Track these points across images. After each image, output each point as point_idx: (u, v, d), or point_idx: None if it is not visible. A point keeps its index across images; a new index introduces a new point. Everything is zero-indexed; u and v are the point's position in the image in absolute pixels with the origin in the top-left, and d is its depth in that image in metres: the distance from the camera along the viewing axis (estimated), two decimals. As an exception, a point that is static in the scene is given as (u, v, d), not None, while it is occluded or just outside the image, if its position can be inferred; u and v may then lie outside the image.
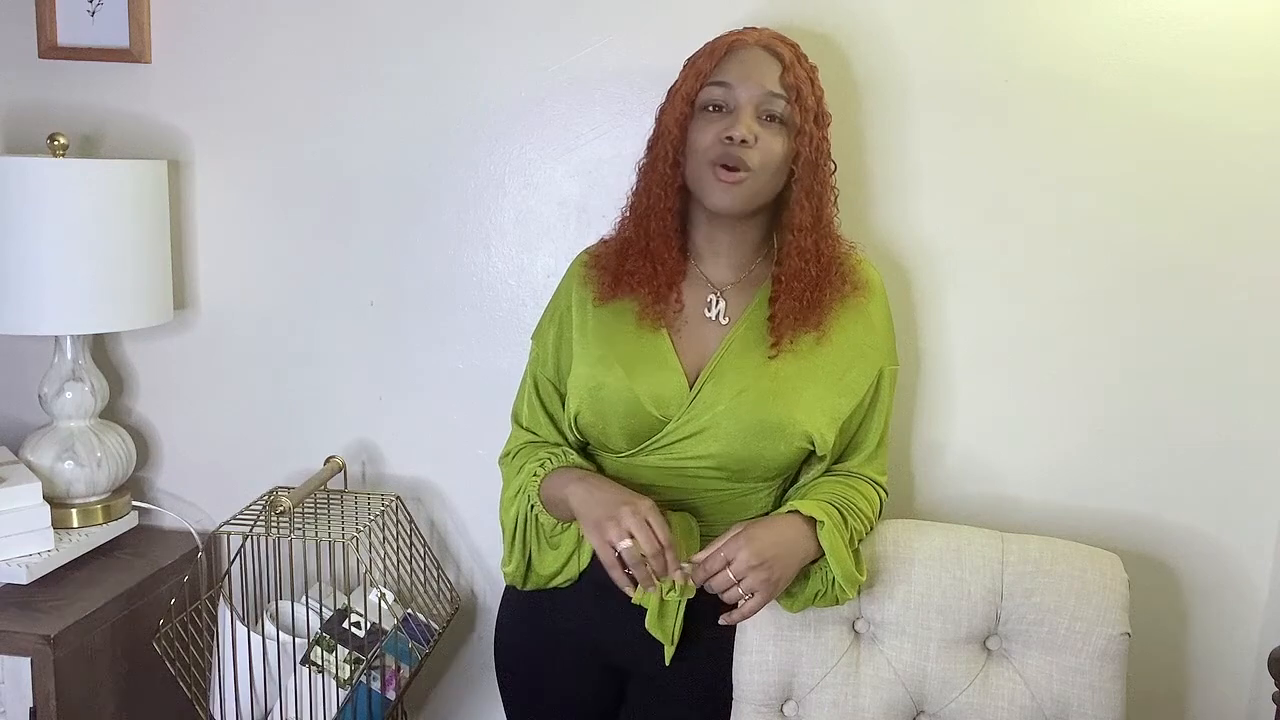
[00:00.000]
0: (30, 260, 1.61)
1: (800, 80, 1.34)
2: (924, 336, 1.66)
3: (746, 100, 1.33)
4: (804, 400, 1.37)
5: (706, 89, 1.34)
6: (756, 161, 1.32)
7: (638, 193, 1.42)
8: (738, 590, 1.27)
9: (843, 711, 1.44)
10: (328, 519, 1.69)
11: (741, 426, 1.36)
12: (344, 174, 1.77)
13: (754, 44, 1.35)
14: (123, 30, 1.76)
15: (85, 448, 1.74)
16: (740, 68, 1.34)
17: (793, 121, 1.34)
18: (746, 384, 1.37)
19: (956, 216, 1.62)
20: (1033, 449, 1.67)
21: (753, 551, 1.27)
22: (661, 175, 1.38)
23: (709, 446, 1.37)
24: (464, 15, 1.69)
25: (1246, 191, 1.55)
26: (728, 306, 1.42)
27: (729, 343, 1.39)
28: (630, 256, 1.40)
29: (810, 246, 1.37)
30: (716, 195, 1.34)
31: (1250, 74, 1.52)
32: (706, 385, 1.37)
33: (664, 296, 1.39)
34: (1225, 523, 1.64)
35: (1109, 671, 1.42)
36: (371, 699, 1.62)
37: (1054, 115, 1.57)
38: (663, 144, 1.37)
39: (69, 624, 1.56)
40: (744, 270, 1.43)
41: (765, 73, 1.33)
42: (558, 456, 1.41)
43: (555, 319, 1.48)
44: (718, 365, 1.38)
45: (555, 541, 1.44)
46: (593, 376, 1.40)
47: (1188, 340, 1.60)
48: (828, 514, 1.34)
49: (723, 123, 1.33)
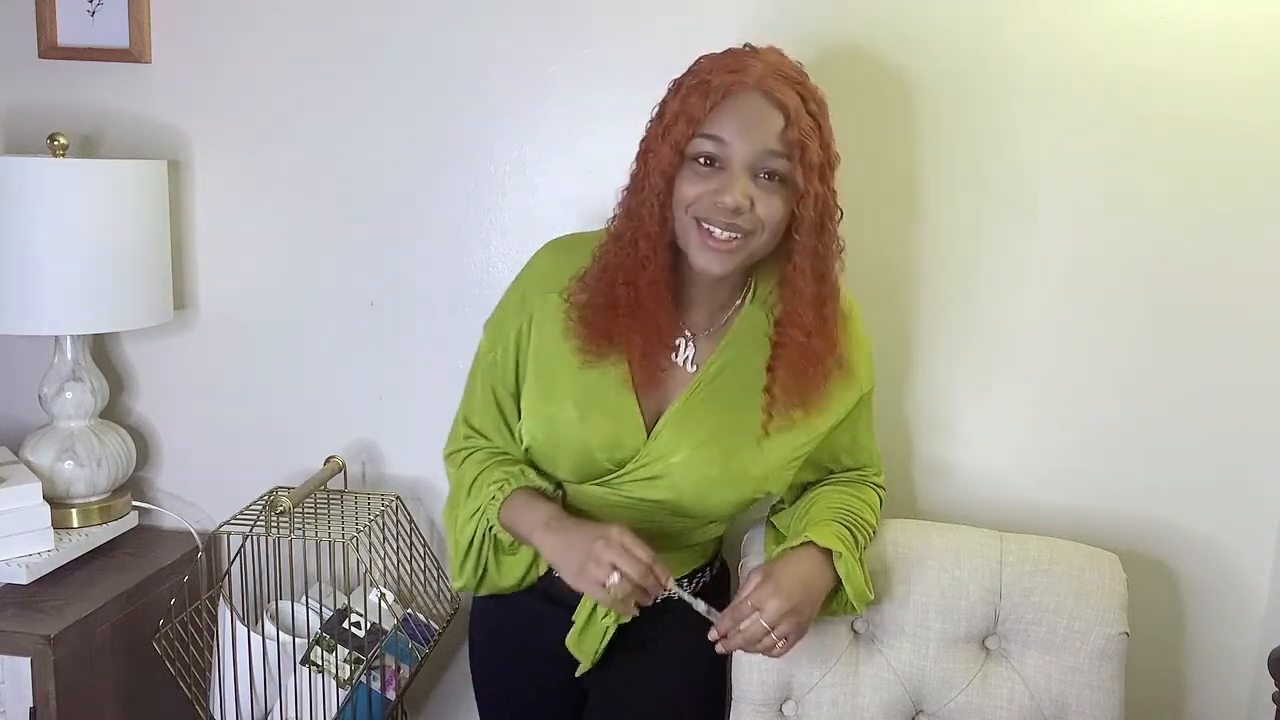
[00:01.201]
0: (30, 260, 1.61)
1: (805, 134, 1.19)
2: (923, 336, 1.66)
3: (742, 161, 1.19)
4: (768, 455, 1.32)
5: (697, 140, 1.20)
6: (752, 225, 1.21)
7: (623, 241, 1.27)
8: (771, 638, 1.25)
9: (842, 711, 1.44)
10: (328, 519, 1.69)
11: (698, 477, 1.31)
12: (344, 174, 1.77)
13: (755, 88, 1.19)
14: (123, 30, 1.76)
15: (85, 448, 1.74)
16: (737, 121, 1.19)
17: (794, 181, 1.20)
18: (707, 436, 1.30)
19: (957, 215, 1.62)
20: (1032, 449, 1.67)
21: (783, 599, 1.24)
22: (648, 231, 1.24)
23: (661, 492, 1.32)
24: (465, 15, 1.69)
25: (1246, 191, 1.55)
26: (695, 354, 1.34)
27: (695, 389, 1.32)
28: (620, 317, 1.27)
29: (814, 319, 1.27)
30: (704, 259, 1.23)
31: (1256, 70, 1.52)
32: (665, 432, 1.31)
33: (654, 354, 1.30)
34: (1225, 523, 1.64)
35: (1108, 671, 1.42)
36: (371, 699, 1.62)
37: (1054, 114, 1.57)
38: (647, 194, 1.23)
39: (69, 624, 1.56)
40: (719, 317, 1.35)
41: (766, 127, 1.19)
42: (515, 477, 1.35)
43: (515, 327, 1.37)
44: (680, 411, 1.32)
45: (514, 549, 1.39)
46: (542, 409, 1.34)
47: (1187, 340, 1.60)
48: (842, 540, 1.32)
49: (714, 182, 1.20)
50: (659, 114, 1.27)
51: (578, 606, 1.37)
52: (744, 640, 1.25)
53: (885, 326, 1.65)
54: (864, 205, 1.63)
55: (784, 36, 1.58)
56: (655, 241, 1.25)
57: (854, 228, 1.63)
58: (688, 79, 1.25)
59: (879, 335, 1.64)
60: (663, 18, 1.63)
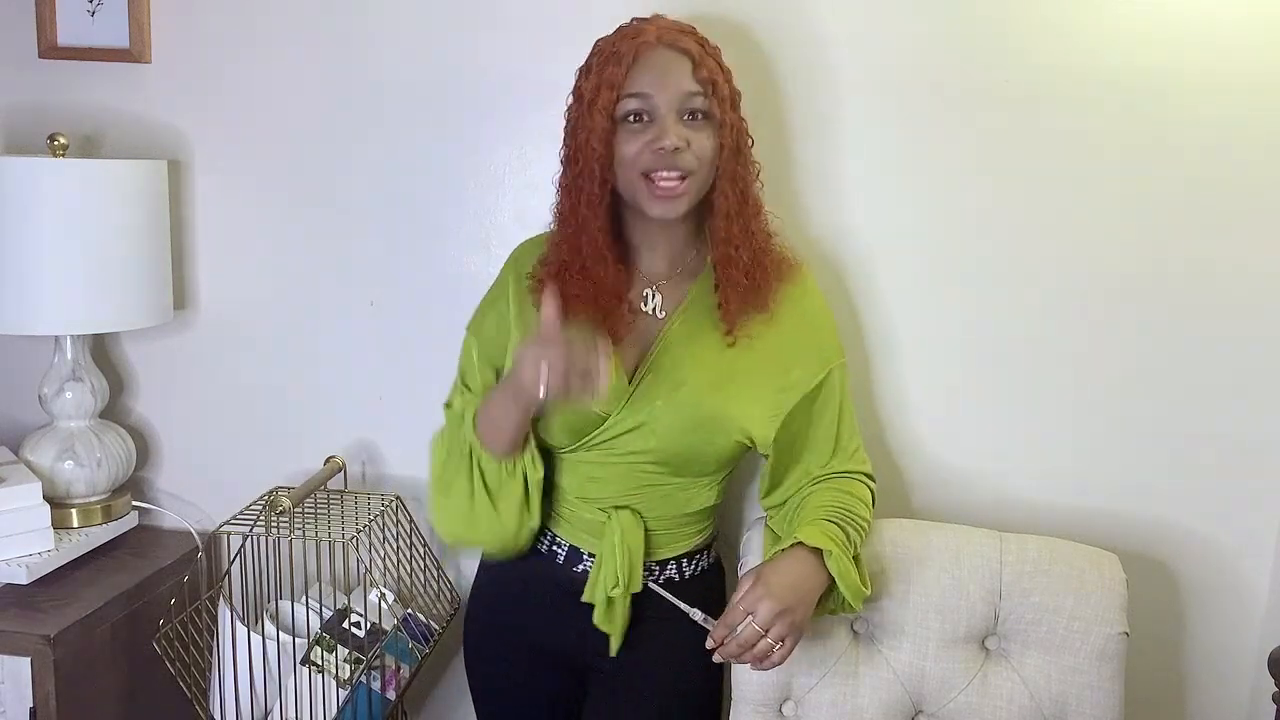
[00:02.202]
0: (30, 260, 1.61)
1: (712, 72, 1.33)
2: (922, 334, 1.65)
3: (667, 107, 1.31)
4: (742, 395, 1.38)
5: (623, 101, 1.31)
6: (692, 163, 1.32)
7: (564, 212, 1.38)
8: (767, 641, 1.26)
9: (841, 711, 1.44)
10: (328, 519, 1.69)
11: (679, 420, 1.37)
12: (344, 174, 1.77)
13: (658, 44, 1.32)
14: (123, 30, 1.76)
15: (85, 448, 1.74)
16: (653, 75, 1.31)
17: (714, 114, 1.33)
18: (684, 378, 1.37)
19: (957, 214, 1.62)
20: (1031, 449, 1.66)
21: (775, 600, 1.26)
22: (589, 195, 1.34)
23: (648, 441, 1.38)
24: (465, 15, 1.69)
25: (1246, 190, 1.55)
26: (663, 300, 1.42)
27: (665, 336, 1.40)
28: (570, 279, 1.36)
29: (739, 231, 1.37)
30: (658, 207, 1.33)
31: (1256, 69, 1.52)
32: (645, 379, 1.38)
33: (611, 310, 1.37)
34: (1225, 522, 1.64)
35: (1107, 671, 1.42)
36: (371, 699, 1.63)
37: (1053, 113, 1.57)
38: (586, 162, 1.33)
39: (69, 624, 1.56)
40: (678, 263, 1.43)
41: (679, 73, 1.31)
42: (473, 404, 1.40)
43: (495, 310, 1.46)
44: (655, 359, 1.38)
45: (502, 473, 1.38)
46: None
47: (1187, 339, 1.60)
48: (833, 538, 1.33)
49: (648, 133, 1.31)
50: (577, 95, 1.37)
51: (584, 589, 1.40)
52: (739, 646, 1.27)
53: (886, 326, 1.65)
54: (859, 200, 1.63)
55: (783, 36, 1.60)
56: (594, 205, 1.35)
57: (854, 226, 1.64)
58: (594, 58, 1.36)
59: (879, 335, 1.65)
60: (663, 18, 1.63)
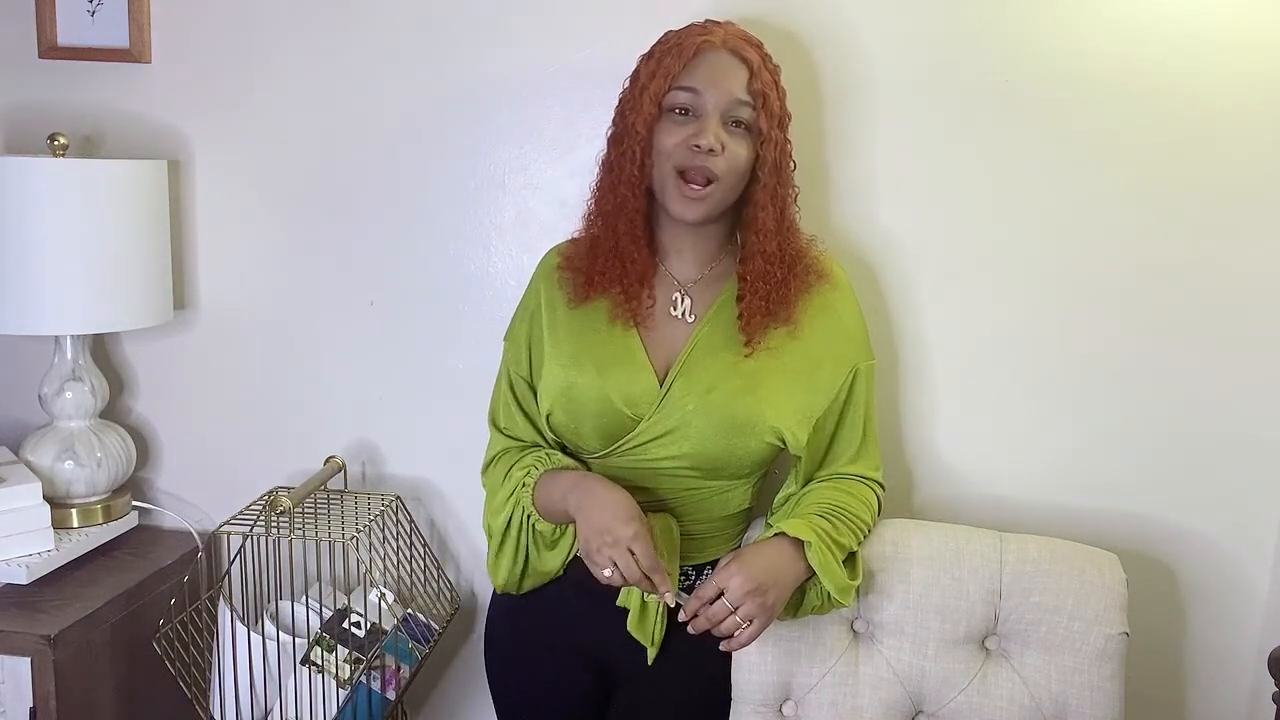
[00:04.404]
0: (30, 260, 1.61)
1: (766, 86, 1.34)
2: (922, 334, 1.66)
3: (714, 107, 1.33)
4: (773, 397, 1.38)
5: (674, 92, 1.34)
6: (723, 169, 1.33)
7: (603, 190, 1.41)
8: (735, 619, 1.28)
9: (841, 711, 1.44)
10: (328, 519, 1.69)
11: (712, 424, 1.37)
12: (344, 173, 1.77)
13: (721, 46, 1.34)
14: (123, 30, 1.76)
15: (85, 448, 1.74)
16: (708, 73, 1.33)
17: (758, 128, 1.35)
18: (715, 381, 1.38)
19: (957, 213, 1.62)
20: (1031, 448, 1.67)
21: (746, 578, 1.28)
22: (629, 176, 1.37)
23: (680, 446, 1.38)
24: (465, 15, 1.69)
25: (1246, 189, 1.55)
26: (693, 304, 1.43)
27: (696, 340, 1.40)
28: (600, 256, 1.40)
29: (774, 249, 1.38)
30: (681, 206, 1.35)
31: (1256, 68, 1.52)
32: (676, 383, 1.38)
33: (635, 294, 1.40)
34: (1225, 523, 1.64)
35: (1107, 671, 1.42)
36: (371, 699, 1.63)
37: (1053, 112, 1.57)
38: (629, 144, 1.36)
39: (69, 624, 1.56)
40: (707, 267, 1.44)
41: (733, 79, 1.33)
42: (543, 461, 1.41)
43: (526, 318, 1.48)
44: (686, 363, 1.39)
45: (553, 542, 1.43)
46: (564, 376, 1.40)
47: (1187, 339, 1.60)
48: (814, 530, 1.34)
49: (690, 128, 1.33)
50: (634, 78, 1.40)
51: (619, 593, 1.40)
52: (707, 620, 1.29)
53: (886, 326, 1.65)
54: (864, 202, 1.63)
55: (784, 35, 1.60)
56: (634, 186, 1.37)
57: (852, 226, 1.64)
58: (659, 46, 1.39)
59: (879, 335, 1.65)
60: (662, 18, 1.63)
